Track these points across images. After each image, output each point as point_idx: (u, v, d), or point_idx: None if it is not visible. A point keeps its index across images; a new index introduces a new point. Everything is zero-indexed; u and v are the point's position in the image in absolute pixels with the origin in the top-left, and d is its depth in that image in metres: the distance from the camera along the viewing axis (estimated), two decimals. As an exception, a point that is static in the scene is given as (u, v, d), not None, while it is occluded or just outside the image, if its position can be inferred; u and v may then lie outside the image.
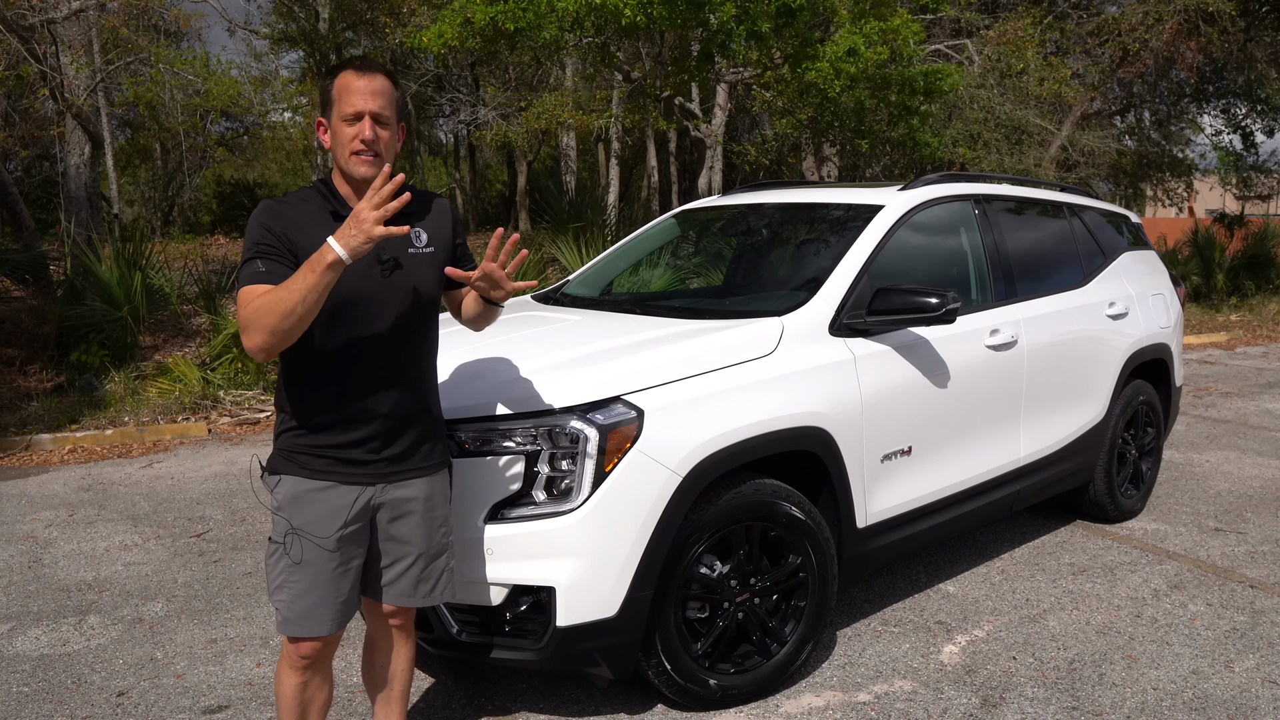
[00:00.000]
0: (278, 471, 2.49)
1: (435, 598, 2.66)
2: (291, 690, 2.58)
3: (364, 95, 2.37)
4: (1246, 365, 11.00)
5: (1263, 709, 3.28)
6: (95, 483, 6.24)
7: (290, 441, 2.48)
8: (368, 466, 2.48)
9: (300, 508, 2.45)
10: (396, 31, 17.54)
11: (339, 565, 2.47)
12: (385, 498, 2.52)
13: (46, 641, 3.89)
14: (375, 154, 2.39)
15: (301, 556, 2.45)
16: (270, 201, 2.44)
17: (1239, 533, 5.07)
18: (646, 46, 13.97)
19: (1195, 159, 22.31)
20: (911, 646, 3.75)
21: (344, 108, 2.38)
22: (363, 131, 2.37)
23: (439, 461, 2.63)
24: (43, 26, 11.01)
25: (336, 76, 2.42)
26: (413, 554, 2.58)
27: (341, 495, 2.46)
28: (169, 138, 25.68)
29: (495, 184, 37.67)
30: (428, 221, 2.57)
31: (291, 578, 2.45)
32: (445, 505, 2.65)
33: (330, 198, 2.46)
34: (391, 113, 2.42)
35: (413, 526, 2.56)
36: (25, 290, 10.34)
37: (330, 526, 2.44)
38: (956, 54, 15.85)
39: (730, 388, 3.17)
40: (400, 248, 2.47)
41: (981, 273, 4.35)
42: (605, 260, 5.02)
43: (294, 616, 2.47)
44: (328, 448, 2.45)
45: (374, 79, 2.40)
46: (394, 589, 2.61)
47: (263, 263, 2.33)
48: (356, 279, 2.37)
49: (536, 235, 14.44)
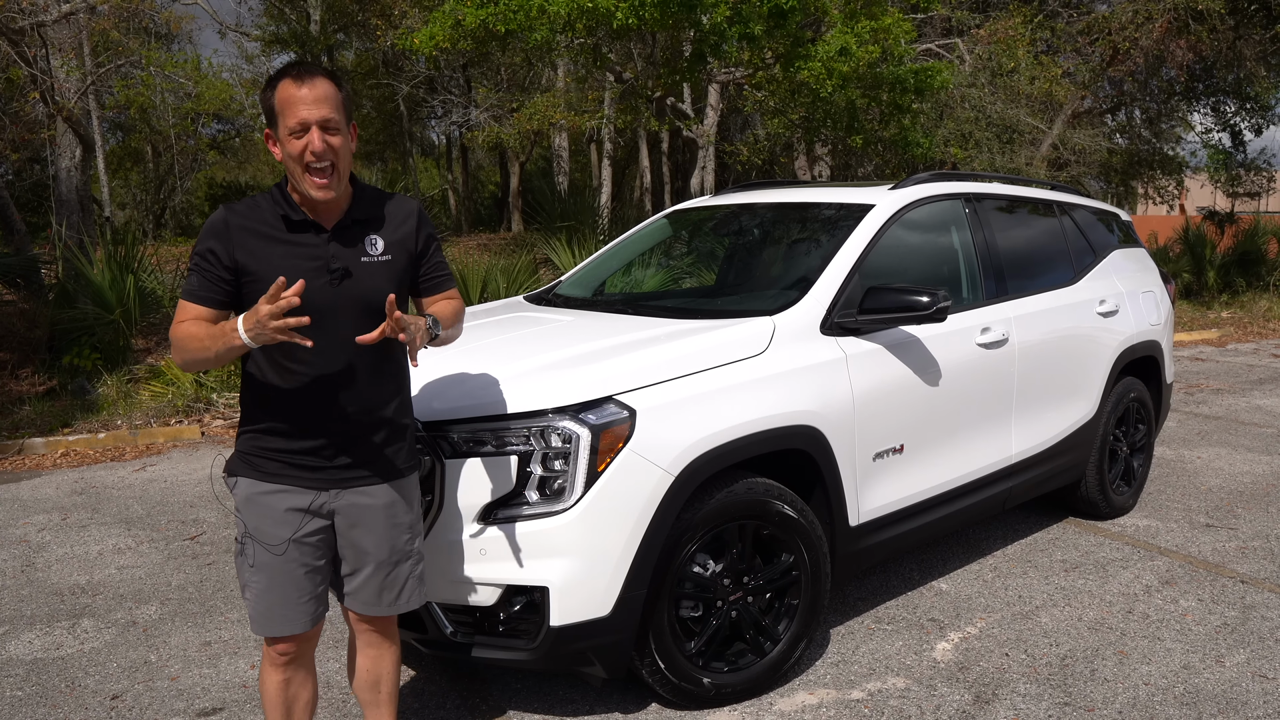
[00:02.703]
0: (235, 473, 2.48)
1: (401, 606, 2.61)
2: (274, 689, 2.57)
3: (307, 105, 2.28)
4: (1237, 362, 11.04)
5: (1253, 703, 3.29)
6: (88, 486, 6.23)
7: (246, 443, 2.46)
8: (320, 472, 2.44)
9: (254, 510, 2.43)
10: (388, 33, 17.52)
11: (299, 566, 2.45)
12: (340, 503, 2.48)
13: (40, 645, 3.89)
14: (330, 164, 2.31)
15: (256, 559, 2.44)
16: (225, 212, 2.38)
17: (1230, 529, 5.10)
18: (638, 47, 13.97)
19: (1186, 157, 22.38)
20: (904, 644, 3.77)
21: (288, 121, 2.29)
22: (312, 143, 2.28)
23: (402, 467, 2.57)
24: (33, 29, 10.98)
25: (275, 88, 2.32)
26: (372, 562, 2.53)
27: (294, 499, 2.43)
28: (160, 140, 25.62)
29: (488, 185, 37.63)
30: (387, 228, 2.49)
31: (253, 578, 2.45)
32: (409, 512, 2.59)
33: (283, 202, 2.39)
34: (340, 116, 2.33)
35: (372, 533, 2.51)
36: (17, 294, 10.31)
37: (283, 530, 2.42)
38: (947, 53, 15.88)
39: (722, 387, 3.18)
40: (353, 256, 2.41)
41: (972, 271, 4.36)
42: (597, 260, 5.03)
43: (258, 615, 2.47)
44: (281, 452, 2.43)
45: (315, 85, 2.30)
46: (357, 598, 2.58)
47: (199, 278, 2.34)
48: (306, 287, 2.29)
49: (529, 236, 14.44)
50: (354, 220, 2.43)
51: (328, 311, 2.36)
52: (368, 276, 2.42)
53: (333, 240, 2.39)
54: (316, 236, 2.39)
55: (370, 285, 2.41)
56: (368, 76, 27.43)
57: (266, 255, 2.34)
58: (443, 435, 2.94)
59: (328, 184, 2.32)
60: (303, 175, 2.31)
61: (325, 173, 2.31)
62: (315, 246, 2.38)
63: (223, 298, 2.36)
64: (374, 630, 2.68)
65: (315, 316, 2.33)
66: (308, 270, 2.33)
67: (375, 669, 2.72)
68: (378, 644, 2.70)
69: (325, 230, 2.40)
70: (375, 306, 2.39)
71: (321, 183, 2.31)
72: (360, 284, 2.41)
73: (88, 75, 13.59)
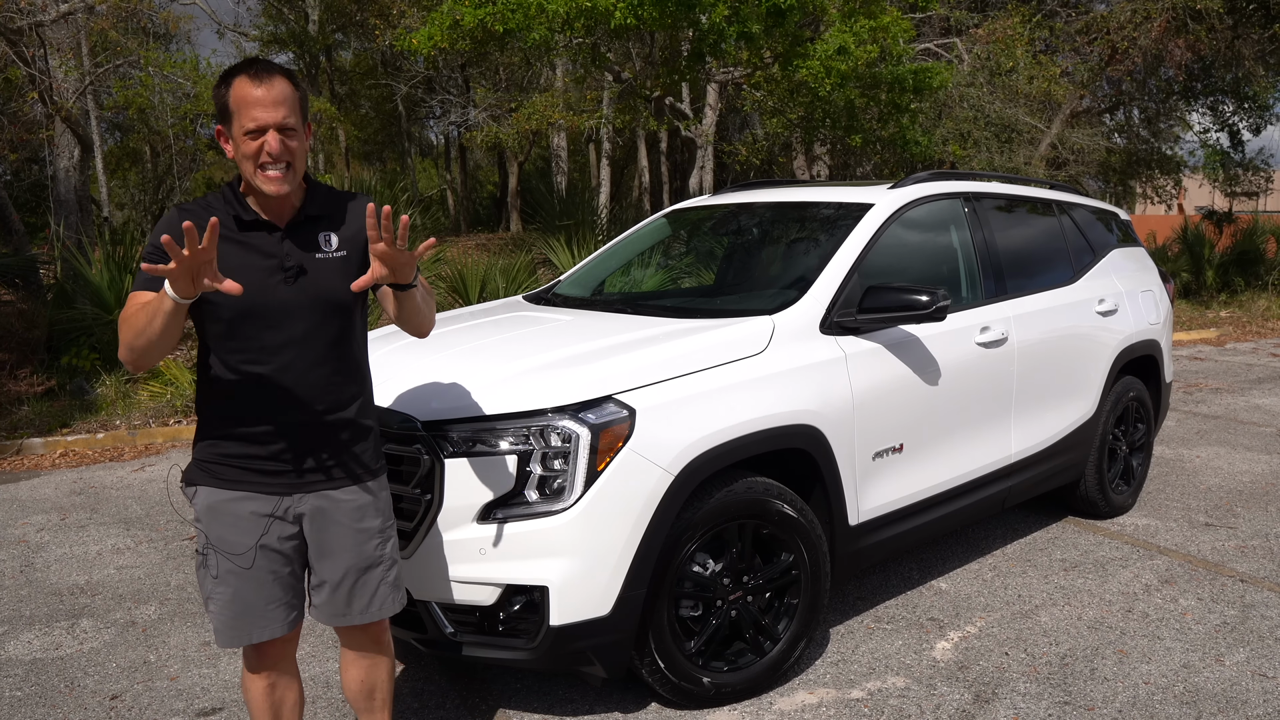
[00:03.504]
0: (194, 482, 2.40)
1: (373, 614, 2.52)
2: (259, 694, 2.53)
3: (264, 107, 2.21)
4: (1236, 361, 11.05)
5: (1253, 702, 3.30)
6: (87, 486, 6.23)
7: (204, 451, 2.38)
8: (282, 476, 2.37)
9: (216, 519, 2.36)
10: (386, 33, 17.52)
11: (267, 573, 2.38)
12: (304, 507, 2.40)
13: (39, 646, 3.88)
14: (286, 164, 2.26)
15: (219, 570, 2.36)
16: (178, 211, 2.32)
17: (1229, 528, 5.10)
18: (637, 47, 13.97)
19: (1184, 156, 22.40)
20: (904, 643, 3.77)
21: (244, 122, 2.22)
22: (269, 146, 2.22)
23: (367, 470, 2.49)
24: (31, 29, 10.98)
25: (230, 85, 2.24)
26: (341, 569, 2.45)
27: (257, 504, 2.36)
28: (159, 141, 25.59)
29: (486, 185, 37.64)
30: (342, 225, 2.43)
31: (217, 589, 2.38)
32: (378, 516, 2.50)
33: (235, 203, 2.33)
34: (297, 119, 2.27)
35: (339, 539, 2.43)
36: (15, 294, 10.31)
37: (248, 538, 2.35)
38: (946, 52, 15.89)
39: (722, 386, 3.18)
40: (306, 254, 2.35)
41: (971, 270, 4.36)
42: (597, 260, 5.03)
43: (223, 627, 2.40)
44: (240, 457, 2.35)
45: (272, 86, 2.22)
46: (326, 609, 2.50)
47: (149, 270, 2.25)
48: (256, 288, 2.27)
49: (528, 236, 14.44)
50: (307, 217, 2.38)
51: (284, 311, 2.31)
52: (323, 274, 2.37)
53: (286, 238, 2.34)
54: (270, 235, 2.33)
55: (326, 283, 2.36)
56: (366, 76, 27.46)
57: (219, 255, 2.24)
58: (442, 435, 2.94)
59: (282, 178, 2.26)
60: (256, 172, 2.26)
61: (280, 169, 2.26)
62: (269, 245, 2.33)
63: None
64: (365, 638, 2.61)
65: (267, 317, 2.30)
66: (261, 269, 2.29)
67: (369, 679, 2.65)
68: (371, 654, 2.63)
69: (279, 229, 2.34)
70: (333, 304, 2.37)
71: (276, 176, 2.25)
72: (316, 282, 2.35)
73: (86, 75, 13.58)
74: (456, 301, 9.29)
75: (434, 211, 24.50)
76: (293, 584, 2.46)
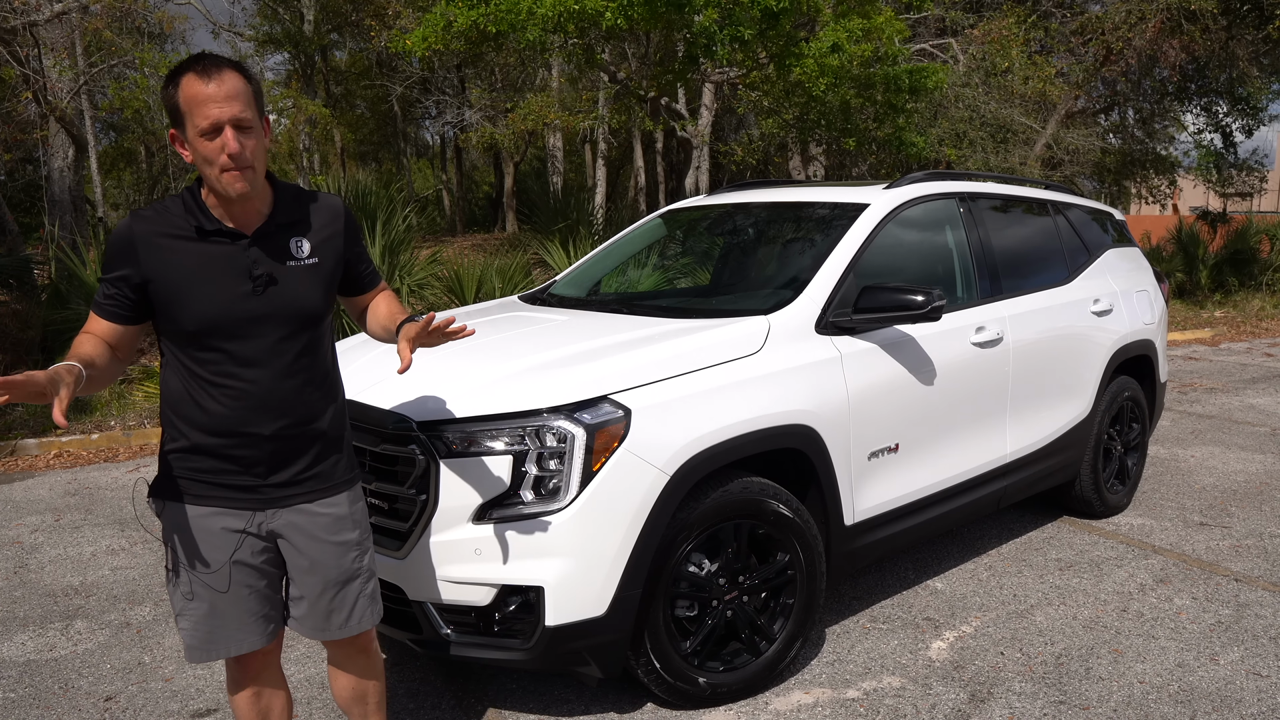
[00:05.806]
0: (161, 496, 2.31)
1: (352, 628, 2.46)
2: (246, 704, 2.51)
3: (217, 103, 2.07)
4: (1231, 361, 11.08)
5: (1247, 700, 3.30)
6: (81, 487, 6.21)
7: (173, 464, 2.28)
8: (254, 492, 2.29)
9: (186, 536, 2.27)
10: (381, 33, 17.51)
11: (242, 588, 2.32)
12: (278, 522, 2.33)
13: (33, 647, 3.87)
14: (248, 165, 2.14)
15: (191, 589, 2.30)
16: (135, 219, 2.20)
17: (1224, 527, 5.11)
18: (632, 47, 13.98)
19: (1179, 156, 22.47)
20: (900, 643, 3.77)
21: (198, 121, 2.08)
22: (229, 146, 2.09)
23: (341, 481, 2.41)
24: (25, 29, 10.96)
25: (179, 85, 2.10)
26: (319, 583, 2.39)
27: (228, 520, 2.28)
28: (153, 141, 25.55)
29: (482, 185, 37.64)
30: (313, 230, 2.33)
31: (189, 606, 2.31)
32: (355, 528, 2.43)
33: (196, 211, 2.20)
34: (252, 113, 2.13)
35: (316, 553, 2.37)
36: (9, 295, 10.28)
37: (220, 554, 2.28)
38: (941, 53, 15.91)
39: (717, 386, 3.17)
40: (275, 262, 2.25)
41: (967, 270, 4.37)
42: (592, 260, 5.02)
43: (197, 644, 2.34)
44: (209, 471, 2.26)
45: (224, 80, 2.09)
46: (305, 622, 2.44)
47: (105, 291, 2.21)
48: (226, 298, 2.18)
49: (524, 236, 14.43)
50: (278, 225, 2.27)
51: (250, 321, 2.21)
52: (294, 282, 2.27)
53: (254, 246, 2.23)
54: (234, 244, 2.21)
55: (297, 291, 2.27)
56: (361, 77, 27.44)
57: (178, 264, 2.16)
58: (437, 435, 2.93)
59: (243, 176, 2.14)
60: (218, 175, 2.13)
61: (242, 169, 2.14)
62: (234, 253, 2.21)
63: (127, 313, 2.22)
64: (352, 648, 2.56)
65: (235, 328, 2.20)
66: (227, 279, 2.19)
67: (359, 687, 2.62)
68: (361, 663, 2.60)
69: (245, 236, 2.22)
70: (304, 314, 2.28)
71: (237, 174, 2.13)
72: (286, 290, 2.25)
73: (80, 75, 13.56)
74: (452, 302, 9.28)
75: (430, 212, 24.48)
76: (269, 595, 2.40)
